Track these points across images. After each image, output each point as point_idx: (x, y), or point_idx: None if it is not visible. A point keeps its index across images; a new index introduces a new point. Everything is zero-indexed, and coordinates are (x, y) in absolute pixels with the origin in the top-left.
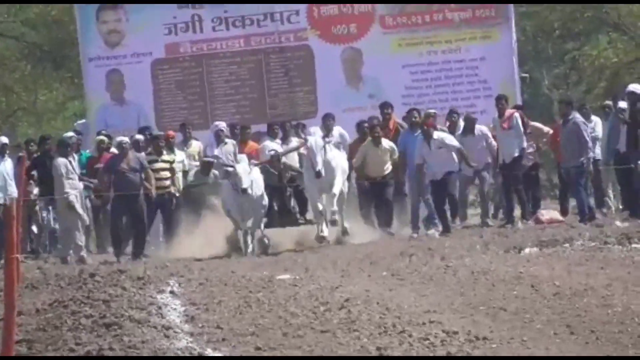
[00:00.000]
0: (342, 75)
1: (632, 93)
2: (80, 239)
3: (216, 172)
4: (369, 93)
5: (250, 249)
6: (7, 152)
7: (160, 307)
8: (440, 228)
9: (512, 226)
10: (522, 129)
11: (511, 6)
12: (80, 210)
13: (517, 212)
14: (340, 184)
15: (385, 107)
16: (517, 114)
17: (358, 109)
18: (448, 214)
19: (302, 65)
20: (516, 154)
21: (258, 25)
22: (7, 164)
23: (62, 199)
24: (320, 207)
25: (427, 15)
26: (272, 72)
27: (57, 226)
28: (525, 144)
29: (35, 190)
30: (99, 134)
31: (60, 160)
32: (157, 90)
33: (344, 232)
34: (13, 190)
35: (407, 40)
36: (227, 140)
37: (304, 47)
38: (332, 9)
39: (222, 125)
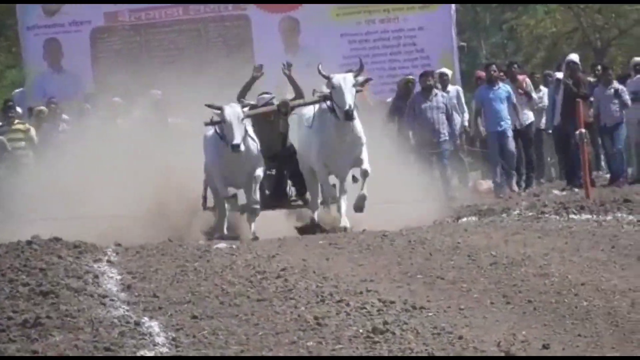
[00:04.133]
0: (280, 44)
1: (572, 62)
2: None
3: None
4: (307, 62)
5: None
6: None
7: (96, 276)
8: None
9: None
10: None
11: None
12: None
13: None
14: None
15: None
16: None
17: (296, 78)
18: None
19: (240, 35)
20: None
21: None
22: None
23: None
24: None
25: None
26: (211, 41)
27: None
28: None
29: None
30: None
31: None
32: (95, 59)
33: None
34: None
35: (345, 10)
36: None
37: (242, 16)
38: None
39: (159, 94)
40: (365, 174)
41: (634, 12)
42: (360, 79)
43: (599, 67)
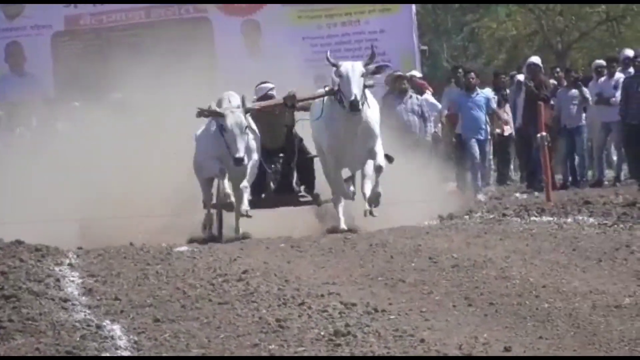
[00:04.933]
0: (242, 47)
1: (534, 65)
2: None
3: None
4: (269, 65)
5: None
6: None
7: (58, 279)
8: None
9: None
10: None
11: None
12: None
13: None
14: (382, 151)
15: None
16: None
17: (259, 81)
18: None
19: (202, 38)
20: None
21: None
22: None
23: None
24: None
25: None
26: (173, 44)
27: None
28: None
29: None
30: None
31: None
32: (56, 62)
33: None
34: None
35: (307, 12)
36: None
37: (203, 19)
38: None
39: (120, 97)
40: (379, 169)
41: (595, 15)
42: (372, 67)
43: (559, 70)
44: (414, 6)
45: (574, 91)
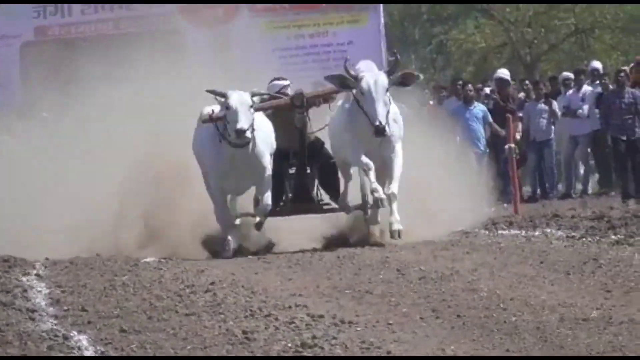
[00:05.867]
0: (212, 58)
1: (500, 79)
2: None
3: None
4: (238, 76)
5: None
6: None
7: (25, 290)
8: None
9: None
10: None
11: None
12: None
13: None
14: (401, 157)
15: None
16: None
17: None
18: None
19: (171, 49)
20: None
21: (127, 8)
22: None
23: None
24: (374, 186)
25: None
26: (142, 56)
27: None
28: None
29: None
30: None
31: None
32: (25, 73)
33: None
34: None
35: (276, 24)
36: None
37: (173, 30)
38: None
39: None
40: (393, 197)
41: (563, 27)
42: (397, 77)
43: (527, 82)
44: (382, 18)
45: (543, 105)
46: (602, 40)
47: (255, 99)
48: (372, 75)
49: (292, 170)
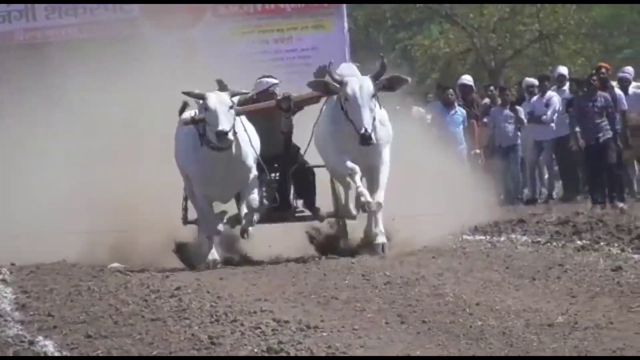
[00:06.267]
0: (177, 63)
1: (464, 85)
2: None
3: None
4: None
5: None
6: None
7: None
8: None
9: None
10: None
11: None
12: None
13: None
14: (388, 164)
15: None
16: None
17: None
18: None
19: (136, 54)
20: None
21: (92, 13)
22: None
23: None
24: (360, 190)
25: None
26: (107, 61)
27: None
28: None
29: None
30: None
31: None
32: None
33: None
34: None
35: (240, 29)
36: None
37: (137, 35)
38: None
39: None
40: (378, 206)
41: (528, 33)
42: (383, 81)
43: (492, 88)
44: (346, 23)
45: (509, 111)
46: (566, 46)
47: (235, 99)
48: (357, 80)
49: (268, 178)
